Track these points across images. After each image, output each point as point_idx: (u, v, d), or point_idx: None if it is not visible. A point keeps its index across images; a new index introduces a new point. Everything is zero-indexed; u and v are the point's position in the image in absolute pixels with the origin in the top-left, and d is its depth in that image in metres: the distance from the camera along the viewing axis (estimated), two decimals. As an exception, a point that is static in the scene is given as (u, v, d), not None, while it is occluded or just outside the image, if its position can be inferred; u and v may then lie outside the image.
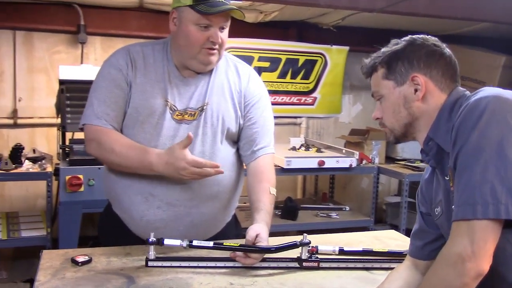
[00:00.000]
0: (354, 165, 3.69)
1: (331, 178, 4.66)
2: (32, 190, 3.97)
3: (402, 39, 1.32)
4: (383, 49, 1.33)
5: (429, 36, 1.33)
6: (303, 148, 4.00)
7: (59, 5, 4.00)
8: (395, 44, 1.32)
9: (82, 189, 3.05)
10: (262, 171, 1.83)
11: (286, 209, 3.83)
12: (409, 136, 1.33)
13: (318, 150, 3.94)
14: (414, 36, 1.32)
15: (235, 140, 1.86)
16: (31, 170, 3.16)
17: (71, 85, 3.22)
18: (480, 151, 1.07)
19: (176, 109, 1.73)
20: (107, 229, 1.94)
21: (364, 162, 3.87)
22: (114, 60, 1.76)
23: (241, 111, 1.82)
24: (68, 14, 4.05)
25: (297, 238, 1.68)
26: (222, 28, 1.70)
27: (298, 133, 4.83)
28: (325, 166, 3.62)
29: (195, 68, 1.75)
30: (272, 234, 1.70)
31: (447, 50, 1.30)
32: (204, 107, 1.75)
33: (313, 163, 3.61)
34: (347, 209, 4.16)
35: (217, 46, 1.70)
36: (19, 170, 3.16)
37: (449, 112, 1.21)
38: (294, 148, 4.00)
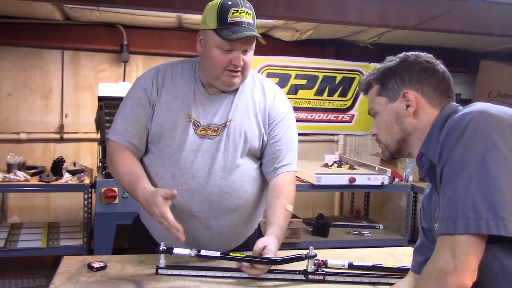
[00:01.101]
0: (386, 182, 3.66)
1: (366, 195, 4.62)
2: (75, 202, 4.15)
3: (397, 56, 1.35)
4: (378, 66, 1.36)
5: (424, 53, 1.34)
6: (335, 165, 4.00)
7: (104, 26, 4.23)
8: (390, 61, 1.34)
9: (116, 201, 3.19)
10: (280, 188, 1.85)
11: (317, 226, 3.83)
12: (404, 152, 1.35)
13: (351, 167, 3.93)
14: (408, 53, 1.34)
15: (258, 156, 1.89)
16: (70, 182, 3.34)
17: (110, 101, 3.37)
18: (463, 165, 1.07)
19: (199, 124, 1.79)
20: (135, 238, 2.03)
21: (396, 180, 3.82)
22: (141, 80, 1.86)
23: (265, 128, 1.86)
24: (112, 35, 4.27)
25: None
26: (245, 51, 1.75)
27: (335, 150, 4.82)
28: (356, 183, 3.61)
29: (219, 88, 1.81)
30: (302, 249, 1.71)
31: (441, 67, 1.31)
32: (227, 123, 1.80)
33: (344, 180, 3.60)
34: (380, 227, 4.11)
35: (239, 69, 1.75)
36: (59, 182, 3.34)
37: (440, 128, 1.22)
38: (326, 165, 4.00)
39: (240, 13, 1.69)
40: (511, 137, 1.07)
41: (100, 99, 3.41)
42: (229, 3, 1.70)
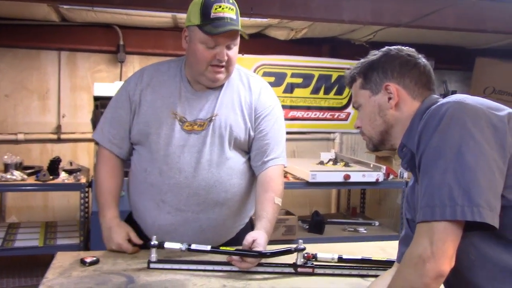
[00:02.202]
0: (380, 179, 3.68)
1: (362, 193, 4.64)
2: (73, 201, 4.18)
3: (380, 50, 1.37)
4: (362, 60, 1.39)
5: (406, 47, 1.37)
6: (331, 163, 4.02)
7: (100, 27, 4.25)
8: (373, 55, 1.37)
9: (113, 200, 3.20)
10: (268, 181, 1.88)
11: (313, 223, 3.85)
12: (387, 144, 1.37)
13: (346, 165, 3.95)
14: (390, 47, 1.37)
15: (246, 150, 1.92)
16: (66, 181, 3.36)
17: (106, 101, 3.37)
18: (440, 155, 1.10)
19: (186, 120, 1.83)
20: None
21: (391, 177, 3.84)
22: (126, 82, 1.95)
23: (251, 123, 1.89)
24: (109, 35, 4.29)
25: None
26: (229, 47, 1.78)
27: (332, 148, 4.84)
28: (351, 180, 3.63)
29: (204, 84, 1.85)
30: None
31: (422, 60, 1.34)
32: (213, 118, 1.83)
33: (338, 177, 3.63)
34: (376, 224, 4.13)
35: (223, 64, 1.78)
36: (55, 181, 3.37)
37: (420, 119, 1.25)
38: (322, 163, 4.02)
39: (222, 8, 1.72)
40: (486, 127, 1.09)
41: (96, 99, 3.44)
42: None
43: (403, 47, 1.37)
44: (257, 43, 4.56)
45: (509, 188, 1.09)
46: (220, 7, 1.72)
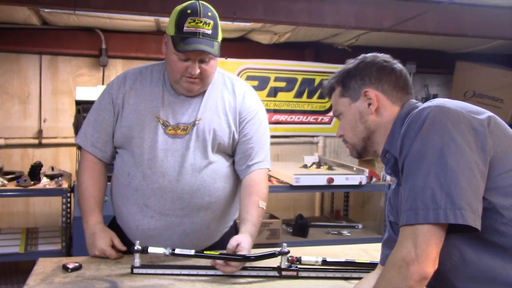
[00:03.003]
0: (364, 182, 3.71)
1: (345, 196, 4.67)
2: (54, 206, 4.13)
3: (355, 58, 1.39)
4: (339, 69, 1.41)
5: (381, 54, 1.39)
6: (314, 166, 4.04)
7: (82, 31, 4.23)
8: (349, 63, 1.39)
9: (95, 205, 3.16)
10: (253, 185, 1.88)
11: (297, 226, 3.86)
12: (370, 150, 1.39)
13: (330, 168, 3.98)
14: (366, 55, 1.39)
15: (230, 154, 1.92)
16: (47, 187, 3.32)
17: (87, 105, 3.36)
18: (422, 158, 1.11)
19: (168, 124, 1.82)
20: None
21: (374, 179, 3.87)
22: (109, 86, 1.92)
23: (235, 127, 1.88)
24: (91, 39, 4.27)
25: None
26: (203, 60, 1.74)
27: (315, 152, 4.86)
28: (335, 183, 3.65)
29: (180, 92, 1.83)
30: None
31: (398, 65, 1.36)
32: (196, 122, 1.82)
33: (322, 181, 3.64)
34: (359, 227, 4.16)
35: (196, 77, 1.76)
36: (36, 186, 3.32)
37: (401, 125, 1.26)
38: (305, 166, 4.04)
39: (197, 23, 1.69)
40: (467, 130, 1.11)
41: (78, 103, 3.40)
42: (189, 11, 1.70)
43: (378, 54, 1.39)
44: (240, 47, 4.57)
45: (490, 191, 1.10)
46: (194, 21, 1.68)
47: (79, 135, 1.94)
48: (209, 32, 1.71)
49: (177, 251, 1.68)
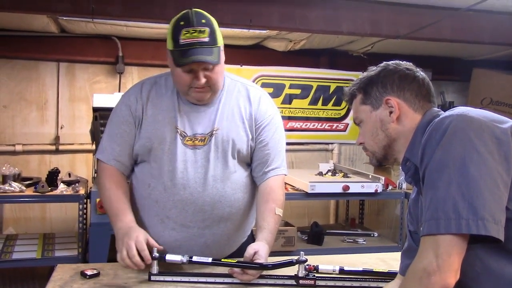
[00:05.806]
0: (379, 190, 3.67)
1: (361, 204, 4.64)
2: (71, 213, 4.15)
3: (378, 65, 1.38)
4: (360, 76, 1.40)
5: (404, 61, 1.38)
6: (329, 174, 4.02)
7: (99, 38, 4.27)
8: (371, 71, 1.38)
9: (111, 211, 3.19)
10: (269, 192, 1.87)
11: (312, 234, 3.84)
12: (390, 158, 1.38)
13: (345, 176, 3.96)
14: (388, 62, 1.38)
15: (248, 162, 1.91)
16: (64, 193, 3.35)
17: (104, 112, 3.39)
18: (444, 168, 1.10)
19: (186, 135, 1.80)
20: None
21: (390, 187, 3.84)
22: (126, 97, 1.89)
23: (252, 134, 1.87)
24: (107, 46, 4.31)
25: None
26: (207, 68, 1.72)
27: (330, 159, 4.85)
28: (350, 191, 3.62)
29: (191, 102, 1.82)
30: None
31: (421, 73, 1.35)
32: (214, 132, 1.81)
33: (337, 188, 3.62)
34: (375, 235, 4.12)
35: (203, 86, 1.74)
36: (53, 192, 3.35)
37: (422, 133, 1.25)
38: (321, 174, 4.02)
39: (191, 33, 1.66)
40: (490, 140, 1.10)
41: (95, 110, 3.43)
42: (181, 23, 1.68)
43: (400, 62, 1.38)
44: (255, 54, 4.58)
45: None
46: (188, 32, 1.66)
47: (99, 151, 1.89)
48: (206, 40, 1.68)
49: (195, 258, 1.68)
